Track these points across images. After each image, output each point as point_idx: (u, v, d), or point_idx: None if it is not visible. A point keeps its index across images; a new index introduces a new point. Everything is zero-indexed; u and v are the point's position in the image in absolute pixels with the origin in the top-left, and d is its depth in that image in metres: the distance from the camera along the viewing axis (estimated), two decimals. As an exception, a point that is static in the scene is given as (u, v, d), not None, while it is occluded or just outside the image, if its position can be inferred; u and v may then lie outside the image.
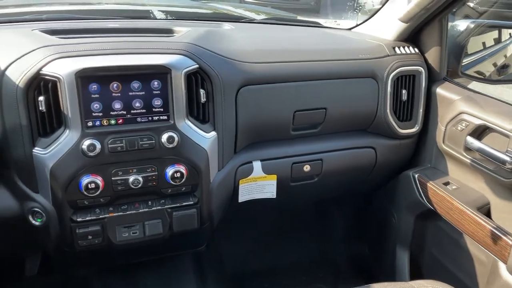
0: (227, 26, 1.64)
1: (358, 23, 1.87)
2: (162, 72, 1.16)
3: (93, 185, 1.13)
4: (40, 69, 1.07)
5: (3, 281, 1.61)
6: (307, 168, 1.47)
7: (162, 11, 1.73)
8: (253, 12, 2.15)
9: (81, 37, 1.22)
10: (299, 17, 2.10)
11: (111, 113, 1.14)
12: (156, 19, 1.71)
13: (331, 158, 1.49)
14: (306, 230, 2.08)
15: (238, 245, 1.95)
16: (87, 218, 1.18)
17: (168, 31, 1.41)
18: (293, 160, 1.45)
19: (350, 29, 1.86)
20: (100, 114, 1.13)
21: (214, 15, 1.94)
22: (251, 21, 1.89)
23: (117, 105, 1.14)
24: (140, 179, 1.18)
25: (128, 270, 1.61)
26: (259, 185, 1.43)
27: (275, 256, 2.00)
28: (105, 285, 1.60)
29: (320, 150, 1.48)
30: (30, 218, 1.17)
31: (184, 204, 1.27)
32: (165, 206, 1.25)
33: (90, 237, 1.19)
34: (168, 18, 1.74)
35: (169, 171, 1.20)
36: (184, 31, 1.36)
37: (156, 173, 1.20)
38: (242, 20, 1.86)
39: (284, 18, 2.02)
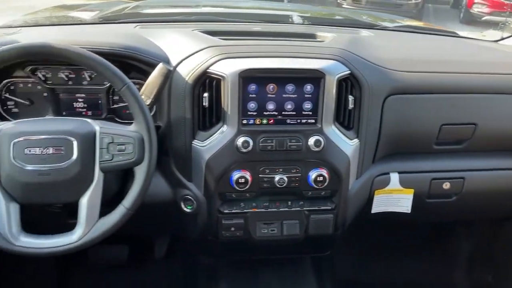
0: (364, 32, 1.63)
1: (505, 36, 1.74)
2: (316, 77, 1.17)
3: (242, 180, 1.18)
4: (208, 67, 1.15)
5: (135, 261, 1.76)
6: (446, 185, 1.40)
7: (300, 16, 1.77)
8: (383, 19, 2.11)
9: (240, 39, 1.28)
10: (436, 26, 2.01)
11: (264, 113, 1.18)
12: (294, 23, 1.75)
13: (474, 178, 1.40)
14: (425, 250, 1.98)
15: (354, 254, 1.92)
16: (233, 211, 1.24)
17: (312, 36, 1.44)
18: (432, 176, 1.38)
19: (496, 41, 1.73)
20: (255, 113, 1.18)
21: (347, 21, 1.94)
22: (384, 28, 1.86)
23: (271, 106, 1.18)
24: (285, 178, 1.21)
25: (250, 265, 1.66)
26: (394, 198, 1.38)
27: (390, 272, 1.93)
28: (228, 277, 1.67)
29: (462, 168, 1.40)
30: (182, 205, 1.25)
31: (322, 208, 1.28)
32: (304, 208, 1.27)
33: (233, 229, 1.25)
34: (305, 23, 1.77)
35: (312, 174, 1.22)
36: (330, 37, 1.37)
37: (300, 174, 1.22)
38: (376, 27, 1.83)
39: (419, 27, 1.96)
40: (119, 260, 1.72)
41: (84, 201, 0.99)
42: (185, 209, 1.25)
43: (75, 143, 0.97)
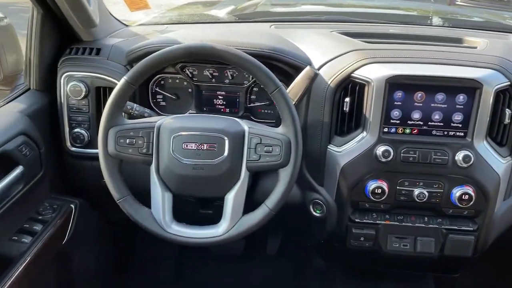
0: None
1: None
2: (471, 87, 1.08)
3: (379, 191, 1.14)
4: (352, 71, 1.12)
5: (249, 255, 1.80)
6: None
7: (441, 18, 1.65)
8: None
9: (384, 43, 1.23)
10: None
11: (409, 122, 1.12)
12: (432, 25, 1.64)
13: None
14: None
15: (479, 278, 1.77)
16: (364, 221, 1.20)
17: (459, 41, 1.33)
18: None
19: None
20: (398, 121, 1.13)
21: (494, 24, 1.76)
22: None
23: (416, 115, 1.12)
24: (426, 193, 1.14)
25: (367, 276, 1.61)
26: (544, 225, 1.23)
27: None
28: (344, 284, 1.64)
29: None
30: (311, 208, 1.24)
31: (462, 228, 1.18)
32: (442, 226, 1.19)
33: (362, 239, 1.21)
34: (445, 25, 1.65)
35: (456, 191, 1.13)
36: (482, 43, 1.25)
37: (442, 190, 1.14)
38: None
39: None
40: (234, 252, 1.78)
41: (230, 197, 1.03)
42: (314, 213, 1.24)
43: (227, 141, 1.01)
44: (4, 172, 1.04)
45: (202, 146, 1.01)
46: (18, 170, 1.07)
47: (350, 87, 1.14)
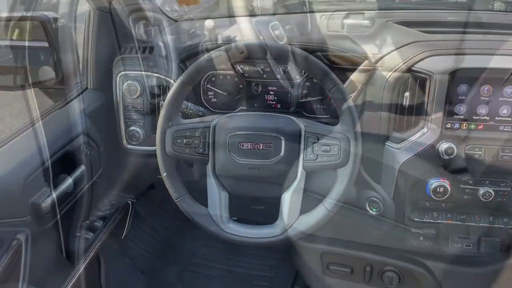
0: None
1: None
2: None
3: (441, 189, 1.09)
4: (413, 64, 1.07)
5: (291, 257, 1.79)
6: None
7: (504, 2, 1.54)
8: None
9: (445, 33, 1.16)
10: None
11: (474, 117, 1.06)
12: (494, 11, 1.54)
13: None
14: None
15: None
16: (424, 220, 1.16)
17: None
18: None
19: None
20: (462, 117, 1.07)
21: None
22: None
23: (482, 110, 1.06)
24: (492, 192, 1.08)
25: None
26: None
27: None
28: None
29: None
30: (367, 206, 1.21)
31: None
32: (508, 226, 1.13)
33: (422, 238, 1.17)
34: (508, 9, 1.54)
35: None
36: None
37: (510, 189, 1.08)
38: None
39: None
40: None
41: (286, 197, 1.01)
42: (370, 211, 1.21)
43: (283, 141, 0.99)
44: (68, 172, 1.08)
45: (258, 145, 1.00)
46: (81, 169, 1.10)
47: (410, 81, 1.09)
